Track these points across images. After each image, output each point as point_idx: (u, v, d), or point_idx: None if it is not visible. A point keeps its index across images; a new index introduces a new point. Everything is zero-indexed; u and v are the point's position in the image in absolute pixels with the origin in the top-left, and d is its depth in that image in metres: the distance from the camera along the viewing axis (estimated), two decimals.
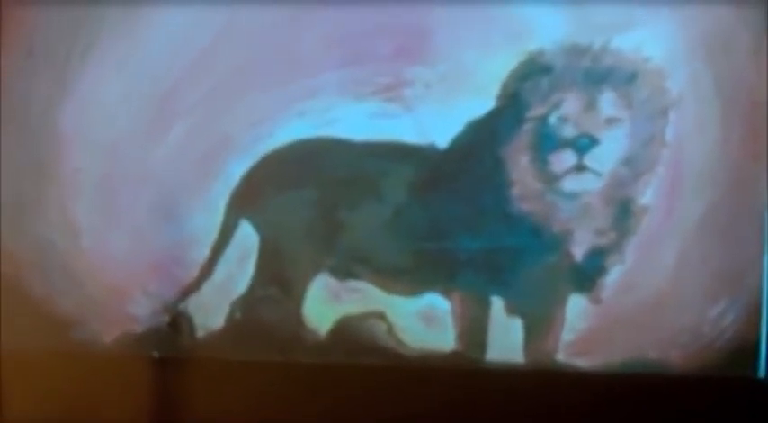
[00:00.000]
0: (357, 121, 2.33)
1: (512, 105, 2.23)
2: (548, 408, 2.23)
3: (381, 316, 2.32)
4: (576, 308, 2.22)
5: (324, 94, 2.34)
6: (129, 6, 2.43)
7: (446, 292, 2.29)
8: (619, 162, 2.17)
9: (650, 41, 2.16)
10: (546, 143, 2.19)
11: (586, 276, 2.21)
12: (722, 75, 2.14)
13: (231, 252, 2.41)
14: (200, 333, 2.43)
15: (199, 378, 2.42)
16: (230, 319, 2.40)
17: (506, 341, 2.27)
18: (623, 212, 2.19)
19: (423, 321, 2.31)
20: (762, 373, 2.11)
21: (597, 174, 2.16)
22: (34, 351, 2.50)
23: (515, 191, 2.21)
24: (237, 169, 2.39)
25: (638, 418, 2.18)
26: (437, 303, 2.29)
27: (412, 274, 2.31)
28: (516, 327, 2.25)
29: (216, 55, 2.40)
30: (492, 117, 2.24)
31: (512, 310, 2.25)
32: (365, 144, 2.32)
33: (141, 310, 2.47)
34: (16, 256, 2.52)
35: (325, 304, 2.36)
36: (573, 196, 2.18)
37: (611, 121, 2.15)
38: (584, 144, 2.16)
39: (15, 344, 2.50)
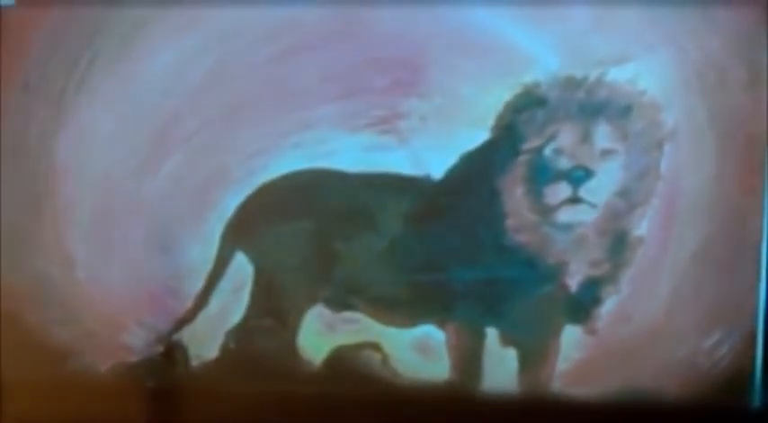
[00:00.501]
0: (352, 153, 2.32)
1: (507, 137, 2.22)
2: None
3: (376, 347, 2.31)
4: (571, 338, 2.21)
5: (319, 127, 2.33)
6: (123, 42, 2.45)
7: (441, 324, 2.28)
8: (614, 194, 2.15)
9: (645, 74, 2.15)
10: (541, 175, 2.18)
11: (581, 307, 2.21)
12: (717, 108, 2.14)
13: (226, 283, 2.40)
14: (194, 363, 2.42)
15: (193, 408, 2.44)
16: (225, 349, 2.40)
17: (501, 371, 2.27)
18: (618, 244, 2.18)
19: (418, 352, 2.30)
20: (756, 403, 2.13)
21: (592, 205, 2.15)
22: (31, 380, 2.51)
23: (510, 222, 2.21)
24: (233, 201, 2.39)
25: None
26: (432, 334, 2.28)
27: (407, 306, 2.31)
28: (511, 357, 2.25)
29: (211, 88, 2.40)
30: (487, 149, 2.24)
31: (507, 340, 2.25)
32: (360, 175, 2.32)
33: (136, 341, 2.47)
34: (13, 288, 2.52)
35: (320, 335, 2.36)
36: (568, 228, 2.18)
37: (606, 154, 2.14)
38: (579, 176, 2.15)
39: (13, 373, 2.52)
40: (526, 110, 2.19)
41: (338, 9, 2.30)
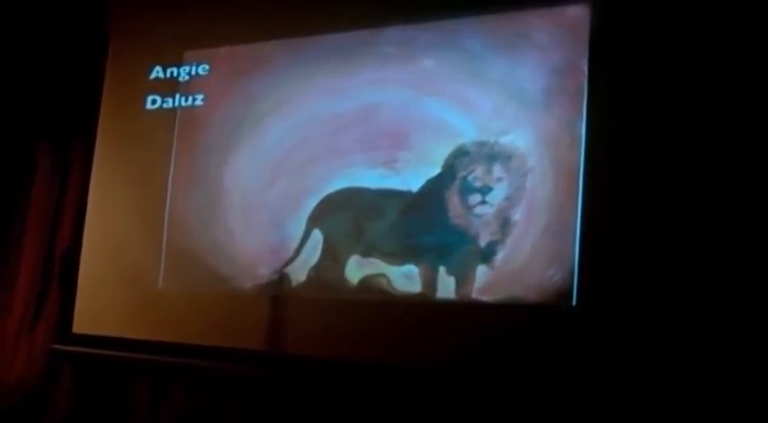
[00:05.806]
0: (372, 179, 3.11)
1: (449, 171, 3.00)
2: (467, 320, 2.86)
3: (384, 276, 3.05)
4: (481, 271, 2.89)
5: (355, 166, 3.16)
6: (260, 120, 3.30)
7: (416, 264, 3.00)
8: (503, 199, 2.89)
9: (518, 140, 2.90)
10: (466, 190, 2.95)
11: (486, 256, 2.90)
12: (554, 156, 2.83)
13: (309, 244, 3.19)
14: (293, 284, 3.21)
15: (292, 307, 3.16)
16: (309, 276, 3.19)
17: (447, 288, 2.95)
18: (505, 224, 2.89)
19: (405, 278, 3.02)
20: (573, 302, 2.74)
21: (492, 205, 2.90)
22: (208, 293, 3.36)
23: (451, 213, 2.98)
24: (312, 202, 3.20)
25: (510, 323, 2.78)
26: (412, 270, 3.01)
27: (399, 255, 3.04)
28: (452, 281, 2.95)
29: (301, 144, 3.27)
30: (440, 177, 3.02)
31: (450, 272, 2.95)
32: (376, 190, 3.11)
33: (264, 272, 3.28)
34: (202, 248, 3.44)
35: (356, 269, 3.11)
36: (480, 216, 2.93)
37: (499, 179, 2.91)
38: (485, 190, 2.92)
39: (198, 290, 3.39)
40: (459, 157, 2.98)
41: (363, 108, 3.16)
